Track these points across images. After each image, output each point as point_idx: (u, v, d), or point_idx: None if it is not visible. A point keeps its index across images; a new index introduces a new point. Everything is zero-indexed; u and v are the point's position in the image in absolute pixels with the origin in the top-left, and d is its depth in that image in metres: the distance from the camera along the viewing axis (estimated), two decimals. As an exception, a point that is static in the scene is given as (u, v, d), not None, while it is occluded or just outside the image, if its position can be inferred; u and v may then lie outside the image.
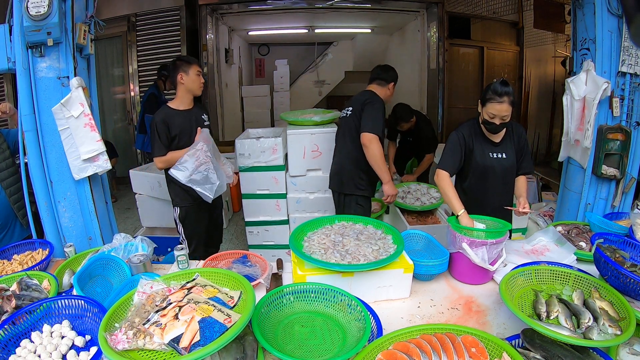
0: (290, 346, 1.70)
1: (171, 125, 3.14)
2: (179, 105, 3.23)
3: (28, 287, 2.05)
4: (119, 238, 2.62)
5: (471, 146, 2.75)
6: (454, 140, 2.76)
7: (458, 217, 2.48)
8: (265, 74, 12.30)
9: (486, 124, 2.64)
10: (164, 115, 3.14)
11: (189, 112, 3.26)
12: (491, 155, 2.75)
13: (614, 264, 1.88)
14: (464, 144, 2.75)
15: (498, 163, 2.75)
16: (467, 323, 1.96)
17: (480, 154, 2.75)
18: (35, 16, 2.52)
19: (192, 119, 3.25)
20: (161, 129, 3.11)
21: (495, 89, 2.53)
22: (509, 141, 2.78)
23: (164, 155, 3.16)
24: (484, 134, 2.76)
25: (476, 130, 2.77)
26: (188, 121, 3.22)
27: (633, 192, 3.21)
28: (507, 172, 2.80)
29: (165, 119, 3.12)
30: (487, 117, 2.60)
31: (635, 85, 3.00)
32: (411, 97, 9.11)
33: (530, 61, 8.68)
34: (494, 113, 2.55)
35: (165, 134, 3.13)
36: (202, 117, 3.35)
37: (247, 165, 4.50)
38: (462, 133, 2.75)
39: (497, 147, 2.76)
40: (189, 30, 7.49)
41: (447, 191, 2.60)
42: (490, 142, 2.76)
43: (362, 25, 9.89)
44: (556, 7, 5.65)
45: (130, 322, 1.56)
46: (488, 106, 2.56)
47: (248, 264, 2.44)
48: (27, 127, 2.70)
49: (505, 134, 2.78)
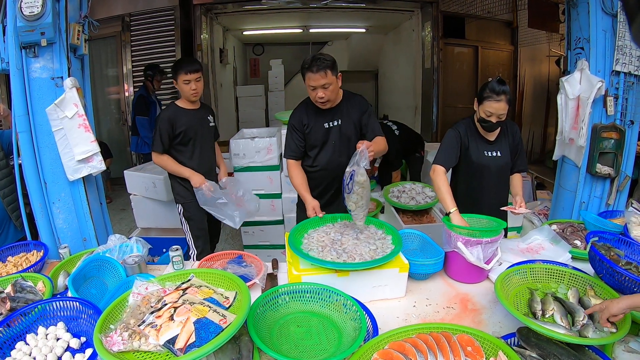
0: (286, 346, 1.70)
1: (177, 122, 3.18)
2: (185, 105, 3.28)
3: (23, 289, 2.04)
4: (113, 239, 2.62)
5: (467, 144, 2.76)
6: (451, 136, 2.77)
7: (449, 214, 2.49)
8: (260, 74, 12.28)
9: (482, 122, 2.64)
10: (170, 113, 3.20)
11: (195, 111, 3.31)
12: (486, 154, 2.76)
13: (609, 262, 1.89)
14: (460, 141, 2.76)
15: (493, 161, 2.76)
16: (462, 322, 1.97)
17: (475, 153, 2.76)
18: (28, 16, 2.50)
19: (198, 118, 3.30)
20: (164, 126, 3.15)
21: (492, 87, 2.54)
22: (504, 139, 2.79)
23: (161, 154, 3.22)
24: (479, 133, 2.76)
25: (472, 128, 2.77)
26: (194, 120, 3.27)
27: (627, 191, 3.22)
28: (502, 170, 2.81)
29: (171, 117, 3.18)
30: (483, 115, 2.60)
31: (629, 84, 3.01)
32: (406, 97, 9.15)
33: (525, 60, 8.71)
34: (491, 111, 2.55)
35: (167, 132, 3.17)
36: (208, 117, 3.41)
37: (242, 165, 4.49)
38: (458, 130, 2.76)
39: (492, 145, 2.77)
40: (183, 30, 7.46)
41: (441, 187, 2.61)
42: (485, 140, 2.76)
43: (356, 25, 9.90)
44: (550, 6, 5.66)
45: (126, 324, 1.56)
46: (485, 104, 2.57)
47: (243, 264, 2.43)
48: (21, 128, 2.68)
49: (500, 132, 2.78)
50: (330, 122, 2.90)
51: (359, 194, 2.33)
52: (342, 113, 2.89)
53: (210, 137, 3.45)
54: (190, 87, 3.15)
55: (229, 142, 4.57)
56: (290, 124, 2.97)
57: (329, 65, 2.63)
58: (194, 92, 3.19)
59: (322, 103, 2.76)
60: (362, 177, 2.31)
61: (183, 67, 3.12)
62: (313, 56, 2.65)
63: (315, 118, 2.90)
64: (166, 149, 3.22)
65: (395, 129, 5.23)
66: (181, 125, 3.19)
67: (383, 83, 11.77)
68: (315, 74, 2.62)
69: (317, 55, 2.65)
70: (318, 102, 2.77)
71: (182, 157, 3.28)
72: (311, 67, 2.62)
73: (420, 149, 5.51)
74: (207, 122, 3.39)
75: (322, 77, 2.63)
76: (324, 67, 2.61)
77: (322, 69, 2.61)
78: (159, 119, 3.19)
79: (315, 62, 2.61)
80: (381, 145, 2.86)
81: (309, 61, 2.65)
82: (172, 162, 3.25)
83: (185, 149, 3.28)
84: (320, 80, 2.64)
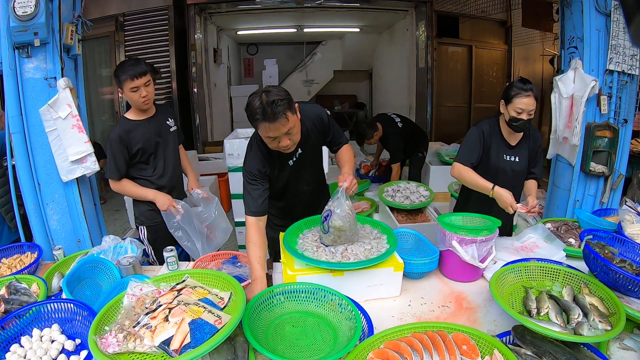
0: (281, 346, 1.70)
1: (131, 141, 2.75)
2: (137, 116, 2.83)
3: (17, 291, 2.03)
4: (108, 240, 2.60)
5: (489, 144, 2.74)
6: (475, 134, 2.73)
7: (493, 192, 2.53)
8: (254, 74, 12.26)
9: (513, 121, 2.61)
10: (120, 132, 2.73)
11: (150, 120, 2.85)
12: (505, 158, 2.74)
13: (603, 260, 1.90)
14: (484, 140, 2.73)
15: (510, 166, 2.75)
16: (457, 320, 1.97)
17: (495, 154, 2.74)
18: (22, 16, 2.49)
19: (155, 127, 2.86)
20: (116, 148, 2.73)
21: (519, 84, 2.55)
22: (525, 145, 2.78)
23: (118, 181, 2.81)
24: (501, 135, 2.75)
25: (495, 129, 2.75)
26: (151, 131, 2.83)
27: (621, 189, 3.24)
28: (517, 176, 2.80)
29: (122, 136, 2.72)
30: (514, 114, 2.57)
31: (622, 83, 3.02)
32: (400, 96, 9.16)
33: (519, 60, 8.74)
34: (522, 108, 2.54)
35: (121, 154, 2.75)
36: (167, 122, 2.97)
37: (236, 165, 4.48)
38: (482, 129, 2.73)
39: (512, 149, 2.76)
40: (177, 30, 7.45)
41: (472, 176, 2.63)
42: (506, 143, 2.75)
43: (350, 25, 9.89)
44: (544, 5, 5.69)
45: (120, 325, 1.55)
46: (515, 102, 2.55)
47: (238, 265, 2.43)
48: (15, 129, 2.67)
49: (522, 138, 2.77)
50: (293, 157, 2.44)
51: (336, 235, 2.17)
52: (301, 142, 2.36)
53: (173, 144, 3.01)
54: (140, 95, 2.68)
55: (223, 142, 4.56)
56: (247, 172, 2.43)
57: (287, 106, 2.03)
58: (146, 100, 2.72)
59: (287, 150, 2.24)
60: (339, 221, 2.11)
61: (127, 72, 2.62)
62: (260, 99, 2.00)
63: (277, 160, 2.41)
64: (124, 174, 2.80)
65: (399, 122, 5.24)
66: (137, 143, 2.76)
67: (377, 82, 11.77)
68: (274, 122, 2.02)
69: (267, 97, 2.00)
70: (282, 150, 2.23)
71: (145, 175, 2.88)
72: (265, 116, 2.00)
73: (424, 149, 5.51)
74: (166, 129, 2.94)
75: (283, 125, 2.05)
76: (282, 112, 2.01)
77: (281, 115, 2.01)
78: (109, 141, 2.74)
79: (269, 109, 1.98)
80: (350, 155, 2.60)
81: (258, 108, 2.00)
82: (132, 186, 2.85)
83: (147, 166, 2.87)
84: (282, 128, 2.06)
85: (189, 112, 7.92)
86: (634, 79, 3.05)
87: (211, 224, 3.12)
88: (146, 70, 2.66)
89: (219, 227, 3.17)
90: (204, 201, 3.12)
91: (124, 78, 2.62)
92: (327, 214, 2.15)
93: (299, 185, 2.59)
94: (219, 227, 3.17)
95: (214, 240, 3.10)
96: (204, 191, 3.16)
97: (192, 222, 2.95)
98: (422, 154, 5.53)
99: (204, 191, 3.16)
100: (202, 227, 3.05)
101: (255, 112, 2.01)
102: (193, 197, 3.14)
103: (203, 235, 3.03)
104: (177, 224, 2.88)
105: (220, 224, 3.19)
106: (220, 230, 3.18)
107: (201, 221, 3.07)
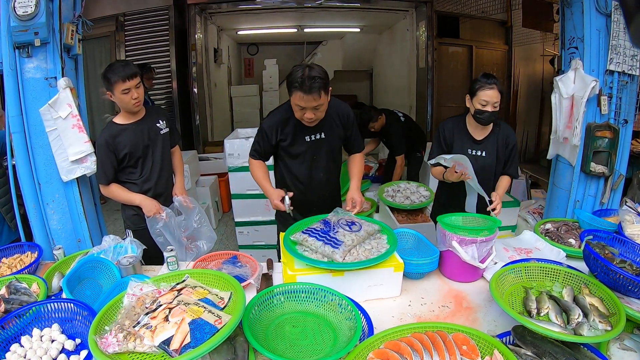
0: (281, 346, 1.70)
1: (117, 145, 2.71)
2: (126, 119, 2.79)
3: (17, 290, 2.03)
4: (108, 240, 2.60)
5: (451, 141, 2.80)
6: (436, 135, 2.89)
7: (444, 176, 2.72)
8: (254, 74, 12.22)
9: (478, 114, 2.65)
10: (107, 137, 2.70)
11: (139, 123, 2.81)
12: (470, 152, 2.76)
13: (604, 261, 1.90)
14: (444, 139, 2.83)
15: (475, 160, 2.70)
16: (457, 321, 1.97)
17: (459, 149, 2.78)
18: (22, 16, 2.49)
19: (143, 130, 2.82)
20: (103, 154, 2.71)
21: (483, 78, 2.63)
22: (493, 141, 2.79)
23: (107, 186, 2.79)
24: (466, 130, 2.79)
25: (459, 125, 2.81)
26: (138, 135, 2.79)
27: (621, 189, 3.24)
28: (484, 170, 2.79)
29: (109, 141, 2.69)
30: (479, 107, 2.62)
31: (623, 84, 3.02)
32: (400, 96, 9.15)
33: (519, 60, 8.72)
34: (486, 100, 2.58)
35: (109, 160, 2.72)
36: (157, 124, 2.91)
37: (237, 165, 4.49)
38: (443, 128, 2.84)
39: (478, 144, 2.79)
40: (177, 30, 7.43)
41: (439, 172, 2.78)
42: (471, 138, 2.78)
43: (351, 25, 9.87)
44: (544, 6, 5.70)
45: (120, 325, 1.55)
46: (479, 94, 2.60)
47: (238, 265, 2.43)
48: (15, 129, 2.67)
49: (490, 133, 2.79)
50: (312, 135, 2.67)
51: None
52: (325, 126, 2.65)
53: (165, 146, 2.96)
54: (131, 97, 2.65)
55: (224, 142, 4.57)
56: (262, 128, 2.70)
57: (323, 86, 2.35)
58: (136, 102, 2.69)
59: (309, 122, 2.54)
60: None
61: (118, 73, 2.58)
62: (303, 71, 2.33)
63: (294, 131, 2.65)
64: (111, 179, 2.78)
65: (401, 116, 5.29)
66: (124, 147, 2.72)
67: (378, 82, 11.75)
68: (308, 95, 2.33)
69: (310, 72, 2.32)
70: (304, 121, 2.53)
71: (132, 178, 2.86)
72: (302, 87, 2.32)
73: (422, 149, 5.53)
74: (156, 131, 2.89)
75: (315, 99, 2.36)
76: (317, 89, 2.32)
77: (315, 91, 2.32)
78: (97, 147, 2.72)
79: (308, 82, 2.30)
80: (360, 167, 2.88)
81: (299, 78, 2.32)
82: (121, 191, 2.83)
83: (135, 170, 2.85)
84: (312, 102, 2.37)
85: (189, 112, 7.89)
86: (635, 79, 3.04)
87: (191, 234, 3.04)
88: (136, 72, 2.64)
89: (202, 237, 3.09)
90: (184, 209, 3.04)
91: (114, 80, 2.58)
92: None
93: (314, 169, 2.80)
94: (203, 236, 3.09)
95: (193, 251, 3.01)
96: (184, 198, 3.05)
97: (174, 230, 2.90)
98: (421, 154, 5.54)
99: (185, 198, 3.06)
100: (181, 237, 2.97)
101: (295, 80, 2.34)
102: (177, 207, 3.04)
103: (182, 245, 2.95)
104: (159, 230, 2.84)
105: (204, 233, 3.11)
106: (202, 240, 3.09)
107: (182, 231, 3.00)
